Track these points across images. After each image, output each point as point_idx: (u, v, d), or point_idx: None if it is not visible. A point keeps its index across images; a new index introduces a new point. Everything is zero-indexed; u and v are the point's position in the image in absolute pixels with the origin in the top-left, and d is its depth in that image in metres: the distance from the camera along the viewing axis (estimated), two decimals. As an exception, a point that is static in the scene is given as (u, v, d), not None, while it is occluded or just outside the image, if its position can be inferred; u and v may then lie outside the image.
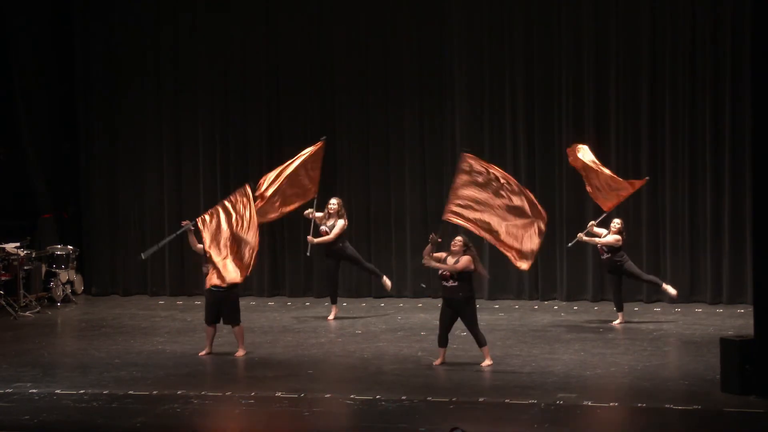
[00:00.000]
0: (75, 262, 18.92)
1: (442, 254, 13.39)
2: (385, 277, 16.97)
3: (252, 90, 19.25)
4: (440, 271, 13.28)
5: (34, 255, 18.17)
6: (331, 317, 16.64)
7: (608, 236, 15.85)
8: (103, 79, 19.58)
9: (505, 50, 18.46)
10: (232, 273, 13.83)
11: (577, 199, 17.87)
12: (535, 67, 18.38)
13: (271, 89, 19.25)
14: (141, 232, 19.55)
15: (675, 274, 17.86)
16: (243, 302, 16.07)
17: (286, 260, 19.18)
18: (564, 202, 18.17)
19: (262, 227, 18.96)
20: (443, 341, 13.41)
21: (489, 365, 13.28)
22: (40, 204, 19.51)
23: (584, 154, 16.13)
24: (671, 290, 16.15)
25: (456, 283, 13.18)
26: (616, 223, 15.90)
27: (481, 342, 13.35)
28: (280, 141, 19.24)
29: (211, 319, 14.14)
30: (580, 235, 16.11)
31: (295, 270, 19.09)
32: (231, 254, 13.87)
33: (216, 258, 13.80)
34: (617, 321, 15.94)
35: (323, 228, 16.58)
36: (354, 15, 18.98)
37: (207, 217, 14.03)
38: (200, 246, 14.18)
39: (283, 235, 19.16)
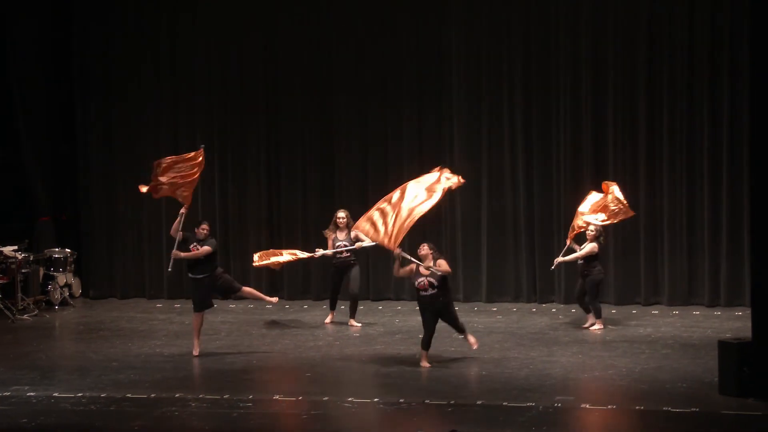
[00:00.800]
0: (73, 265, 18.91)
1: (411, 266, 13.43)
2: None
3: (250, 92, 19.26)
4: (418, 282, 13.33)
5: (31, 258, 18.17)
6: (327, 320, 16.62)
7: (585, 246, 15.67)
8: (102, 82, 19.57)
9: (503, 52, 18.47)
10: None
11: (576, 201, 17.84)
12: (533, 70, 18.38)
13: (269, 92, 19.25)
14: (139, 235, 19.57)
15: (673, 276, 17.88)
16: (242, 304, 16.13)
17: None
18: (562, 205, 18.16)
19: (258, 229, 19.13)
20: (429, 345, 13.47)
21: (476, 342, 13.82)
22: (38, 207, 19.50)
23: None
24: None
25: (435, 291, 13.28)
26: (591, 229, 15.69)
27: (462, 329, 13.77)
28: (278, 144, 19.27)
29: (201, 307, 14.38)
30: (557, 260, 15.98)
31: (293, 273, 19.08)
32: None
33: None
34: (589, 324, 15.80)
35: (340, 243, 16.24)
36: (352, 18, 18.98)
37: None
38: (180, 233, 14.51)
39: (280, 237, 19.16)
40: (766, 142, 11.62)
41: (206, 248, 14.21)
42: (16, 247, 17.91)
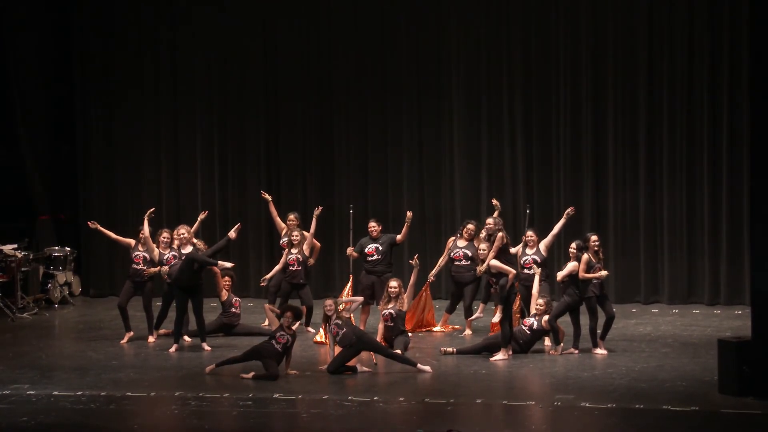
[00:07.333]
0: (72, 264, 18.90)
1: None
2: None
3: (250, 93, 19.25)
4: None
5: (31, 257, 18.16)
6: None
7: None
8: (102, 82, 19.56)
9: (503, 53, 18.47)
10: None
11: (575, 204, 17.85)
12: (532, 72, 18.39)
13: (269, 95, 19.25)
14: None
15: (673, 275, 17.89)
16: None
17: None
18: (561, 207, 18.15)
19: (258, 227, 19.15)
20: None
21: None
22: (37, 206, 19.50)
23: None
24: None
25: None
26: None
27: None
28: (277, 146, 19.27)
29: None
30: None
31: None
32: None
33: None
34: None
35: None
36: (352, 18, 18.98)
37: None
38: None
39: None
40: (766, 142, 11.63)
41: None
42: (16, 246, 17.91)
